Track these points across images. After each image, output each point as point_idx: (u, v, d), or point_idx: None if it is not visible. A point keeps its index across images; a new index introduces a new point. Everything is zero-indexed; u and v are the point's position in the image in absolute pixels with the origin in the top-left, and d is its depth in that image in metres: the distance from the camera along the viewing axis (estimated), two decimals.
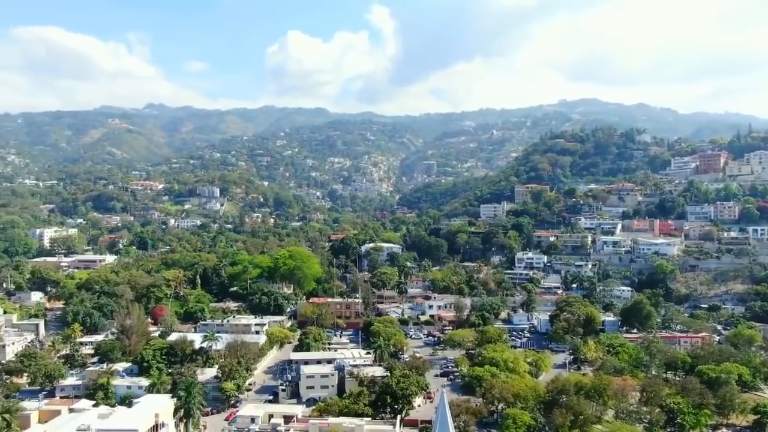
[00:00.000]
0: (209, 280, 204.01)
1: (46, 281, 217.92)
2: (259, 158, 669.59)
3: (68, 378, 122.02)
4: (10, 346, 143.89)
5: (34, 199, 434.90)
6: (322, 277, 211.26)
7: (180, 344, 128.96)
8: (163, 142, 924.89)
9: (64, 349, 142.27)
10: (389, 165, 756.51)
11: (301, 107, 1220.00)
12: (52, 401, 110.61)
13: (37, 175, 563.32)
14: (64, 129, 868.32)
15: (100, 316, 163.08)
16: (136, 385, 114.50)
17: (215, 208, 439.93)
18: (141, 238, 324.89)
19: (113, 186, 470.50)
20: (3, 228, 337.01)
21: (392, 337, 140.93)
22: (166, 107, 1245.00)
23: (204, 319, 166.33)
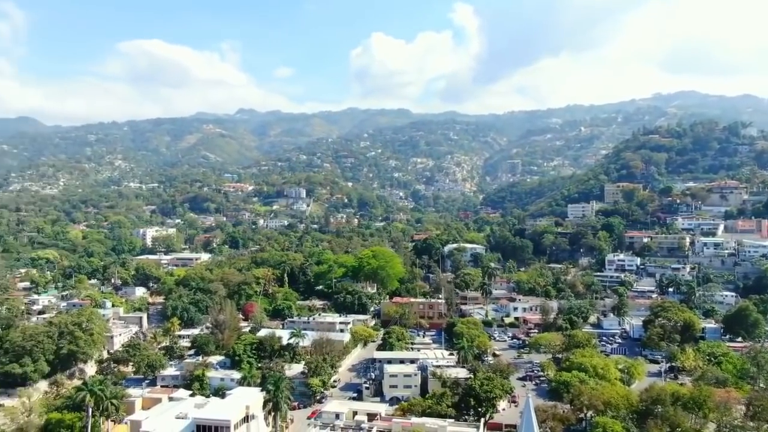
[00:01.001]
0: (296, 279, 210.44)
1: (149, 277, 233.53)
2: (343, 160, 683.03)
3: (168, 368, 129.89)
4: (117, 337, 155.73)
5: (138, 201, 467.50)
6: (405, 277, 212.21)
7: (269, 340, 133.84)
8: (253, 145, 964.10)
9: (164, 341, 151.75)
10: (473, 165, 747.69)
11: (384, 108, 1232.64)
12: (153, 390, 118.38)
13: (141, 179, 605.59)
14: (164, 135, 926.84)
15: (196, 311, 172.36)
16: (229, 377, 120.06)
17: (302, 208, 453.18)
18: (233, 237, 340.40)
19: (207, 188, 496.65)
20: (111, 228, 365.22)
21: (476, 338, 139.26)
22: (256, 112, 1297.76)
23: (291, 317, 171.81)
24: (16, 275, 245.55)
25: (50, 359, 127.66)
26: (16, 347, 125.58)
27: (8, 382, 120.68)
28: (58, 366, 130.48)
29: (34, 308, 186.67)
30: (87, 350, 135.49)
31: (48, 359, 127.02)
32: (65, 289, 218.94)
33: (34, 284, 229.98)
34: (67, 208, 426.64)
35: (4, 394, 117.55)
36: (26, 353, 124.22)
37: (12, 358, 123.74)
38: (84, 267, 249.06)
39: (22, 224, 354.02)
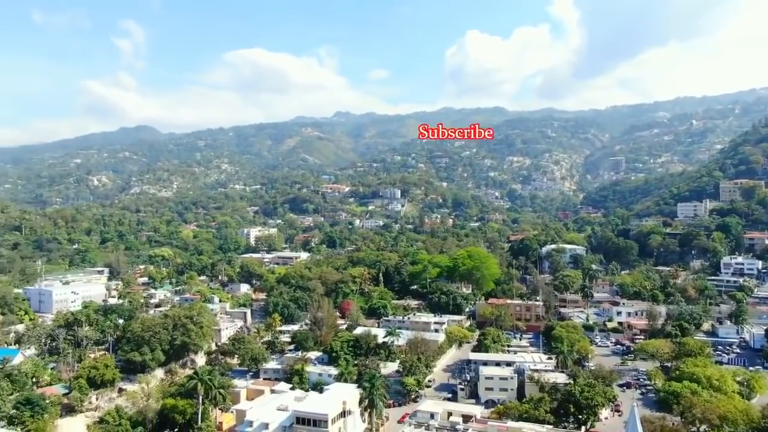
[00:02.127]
0: (391, 278, 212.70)
1: (252, 275, 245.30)
2: (437, 160, 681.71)
3: (270, 362, 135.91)
4: (224, 330, 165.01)
5: (243, 202, 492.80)
6: (501, 278, 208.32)
7: (365, 338, 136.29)
8: (349, 147, 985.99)
9: (267, 336, 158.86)
10: (572, 162, 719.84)
11: (479, 107, 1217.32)
12: (257, 382, 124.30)
13: (245, 181, 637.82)
14: (266, 139, 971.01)
15: (296, 307, 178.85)
16: (326, 373, 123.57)
17: (396, 209, 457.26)
18: (330, 237, 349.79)
19: (306, 189, 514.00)
20: (218, 227, 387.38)
21: (576, 343, 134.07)
22: (352, 114, 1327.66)
23: (386, 315, 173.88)
24: (136, 271, 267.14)
25: (165, 349, 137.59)
26: (137, 337, 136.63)
27: (130, 368, 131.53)
28: (172, 355, 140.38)
29: (152, 302, 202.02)
30: (198, 342, 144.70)
31: (164, 349, 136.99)
32: (178, 285, 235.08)
33: (151, 279, 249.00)
34: (180, 210, 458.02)
35: (126, 380, 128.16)
36: (145, 343, 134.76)
37: (133, 347, 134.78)
38: (194, 264, 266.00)
39: (141, 224, 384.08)
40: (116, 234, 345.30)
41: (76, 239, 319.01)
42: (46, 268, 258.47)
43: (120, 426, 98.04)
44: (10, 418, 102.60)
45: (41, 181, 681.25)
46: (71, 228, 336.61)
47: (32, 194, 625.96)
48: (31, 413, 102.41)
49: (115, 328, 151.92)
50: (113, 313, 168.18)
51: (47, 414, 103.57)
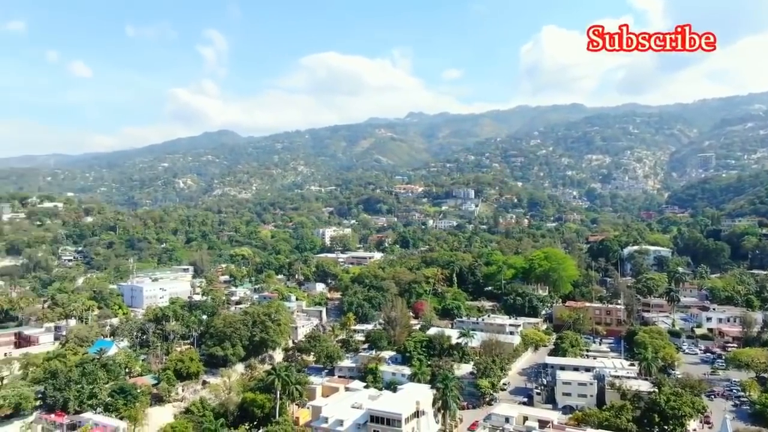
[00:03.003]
0: (465, 279, 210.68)
1: (327, 274, 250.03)
2: (512, 159, 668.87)
3: (345, 360, 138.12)
4: (300, 328, 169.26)
5: (318, 203, 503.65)
6: (579, 280, 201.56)
7: (438, 338, 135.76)
8: (423, 147, 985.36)
9: (341, 335, 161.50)
10: (656, 160, 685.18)
11: (555, 104, 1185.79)
12: (332, 379, 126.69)
13: (320, 182, 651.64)
14: (340, 141, 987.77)
15: (370, 307, 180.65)
16: (400, 372, 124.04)
17: (470, 209, 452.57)
18: (403, 237, 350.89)
19: (380, 190, 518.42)
20: (295, 228, 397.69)
21: (660, 349, 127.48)
22: (425, 115, 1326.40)
23: (460, 316, 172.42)
24: (218, 269, 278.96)
25: (245, 345, 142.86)
26: (219, 332, 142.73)
27: (212, 362, 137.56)
28: (251, 351, 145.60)
29: (233, 299, 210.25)
30: (275, 338, 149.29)
31: (244, 344, 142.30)
32: (257, 283, 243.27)
33: (232, 278, 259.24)
34: (259, 210, 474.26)
35: (209, 373, 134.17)
36: (227, 338, 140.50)
37: (215, 342, 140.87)
38: (272, 263, 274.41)
39: (223, 224, 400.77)
40: (200, 234, 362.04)
41: (164, 239, 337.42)
42: (138, 266, 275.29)
43: (204, 417, 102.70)
44: (106, 405, 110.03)
45: (133, 184, 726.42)
46: (159, 228, 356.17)
47: (125, 196, 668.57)
48: (125, 401, 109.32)
49: (199, 323, 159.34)
50: (197, 309, 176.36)
51: (139, 402, 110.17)
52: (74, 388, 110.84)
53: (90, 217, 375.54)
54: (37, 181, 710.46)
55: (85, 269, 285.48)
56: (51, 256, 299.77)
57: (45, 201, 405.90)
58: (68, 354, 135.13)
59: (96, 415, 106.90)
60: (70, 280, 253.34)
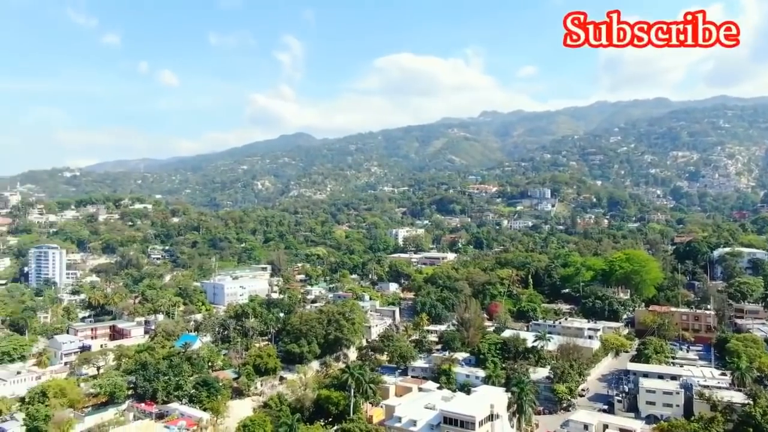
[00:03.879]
0: (541, 281, 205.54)
1: (400, 274, 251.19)
2: (590, 157, 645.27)
3: (418, 360, 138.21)
4: (374, 327, 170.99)
5: (391, 204, 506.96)
6: (664, 284, 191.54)
7: (513, 341, 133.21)
8: (496, 146, 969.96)
9: (415, 335, 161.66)
10: (750, 156, 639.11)
11: (637, 99, 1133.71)
12: (405, 379, 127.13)
13: (393, 183, 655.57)
14: (413, 141, 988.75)
15: (443, 308, 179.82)
16: (474, 374, 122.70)
17: (546, 209, 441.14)
18: (477, 237, 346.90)
19: (453, 190, 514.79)
20: (368, 228, 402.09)
21: (756, 358, 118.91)
22: (499, 113, 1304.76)
23: (536, 319, 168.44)
24: (294, 268, 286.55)
25: (320, 342, 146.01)
26: (295, 330, 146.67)
27: (289, 359, 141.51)
28: (326, 349, 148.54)
29: (308, 297, 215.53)
30: (350, 337, 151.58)
31: (319, 342, 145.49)
32: (332, 282, 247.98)
33: (308, 277, 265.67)
34: (333, 211, 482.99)
35: (286, 369, 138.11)
36: (303, 336, 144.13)
37: (292, 339, 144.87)
38: (347, 263, 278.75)
39: (299, 225, 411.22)
40: (277, 234, 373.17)
41: (244, 238, 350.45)
42: (219, 264, 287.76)
43: (281, 411, 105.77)
44: (190, 397, 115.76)
45: (214, 186, 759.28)
46: (239, 228, 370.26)
47: (207, 198, 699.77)
48: (208, 394, 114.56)
49: (277, 321, 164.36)
50: (275, 307, 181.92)
51: (220, 395, 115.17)
52: (162, 380, 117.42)
53: (176, 217, 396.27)
54: (129, 184, 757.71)
55: (171, 267, 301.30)
56: (141, 254, 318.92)
57: (136, 203, 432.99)
58: (157, 347, 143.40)
59: (182, 405, 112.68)
60: (158, 277, 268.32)
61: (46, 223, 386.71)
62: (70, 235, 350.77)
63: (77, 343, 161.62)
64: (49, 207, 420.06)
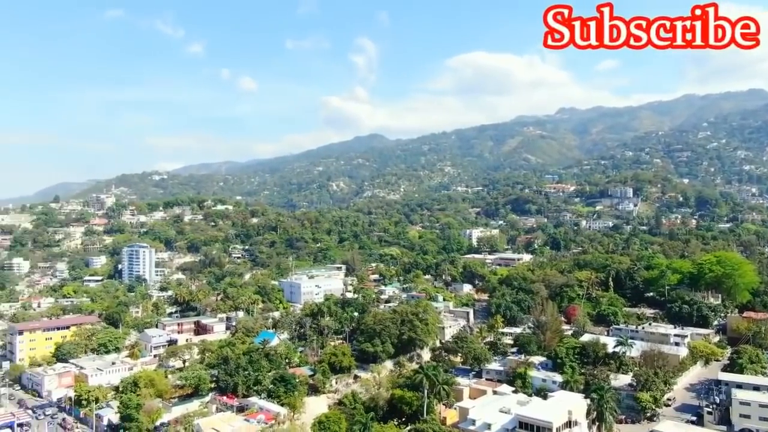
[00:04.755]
0: (622, 284, 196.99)
1: (474, 275, 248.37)
2: (676, 154, 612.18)
3: (492, 363, 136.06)
4: (447, 328, 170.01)
5: (465, 204, 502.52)
6: (760, 288, 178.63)
7: (592, 346, 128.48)
8: (574, 144, 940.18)
9: (489, 337, 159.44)
10: None
11: (728, 92, 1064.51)
12: (479, 381, 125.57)
13: (467, 183, 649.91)
14: (487, 141, 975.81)
15: (518, 310, 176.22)
16: (551, 379, 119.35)
17: (628, 208, 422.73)
18: (554, 238, 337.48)
19: (528, 190, 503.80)
20: (442, 228, 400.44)
21: None
22: (577, 110, 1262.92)
23: (617, 323, 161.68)
24: (369, 268, 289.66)
25: (394, 342, 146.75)
26: (369, 329, 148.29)
27: (363, 358, 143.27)
28: (400, 349, 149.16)
29: (382, 297, 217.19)
30: (423, 338, 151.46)
31: (392, 342, 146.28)
32: (405, 282, 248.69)
33: (382, 277, 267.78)
34: (406, 211, 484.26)
35: (360, 368, 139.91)
36: (376, 335, 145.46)
37: (366, 338, 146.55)
38: (420, 263, 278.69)
39: (372, 225, 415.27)
40: (351, 234, 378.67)
41: (319, 238, 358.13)
42: (296, 264, 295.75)
43: (355, 410, 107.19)
44: (269, 392, 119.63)
45: (291, 188, 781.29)
46: (315, 228, 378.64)
47: (284, 199, 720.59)
48: (285, 389, 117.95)
49: (351, 320, 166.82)
50: (349, 306, 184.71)
51: (297, 391, 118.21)
52: (242, 374, 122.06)
53: (255, 218, 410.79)
54: (211, 186, 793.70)
55: (251, 266, 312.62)
56: (223, 253, 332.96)
57: (218, 204, 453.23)
58: (237, 342, 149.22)
59: (260, 400, 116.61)
60: (239, 275, 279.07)
61: (137, 224, 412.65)
62: (159, 234, 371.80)
63: (165, 337, 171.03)
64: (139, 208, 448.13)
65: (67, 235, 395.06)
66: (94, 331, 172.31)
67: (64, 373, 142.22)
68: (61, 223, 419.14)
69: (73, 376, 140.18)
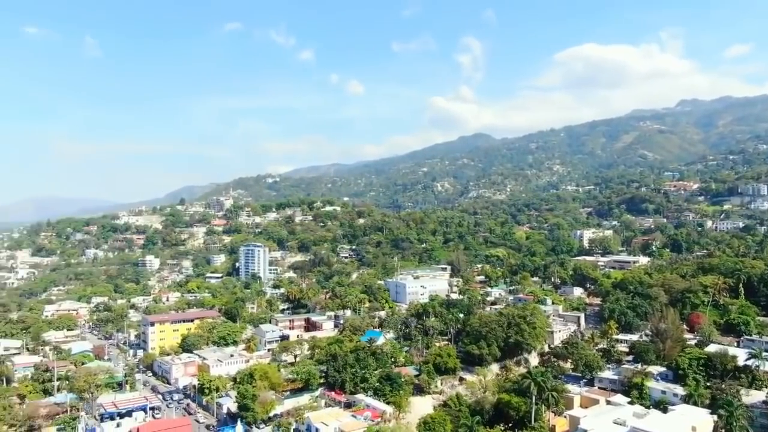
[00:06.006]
0: (755, 291, 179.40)
1: (586, 278, 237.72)
2: None
3: (605, 371, 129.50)
4: (557, 333, 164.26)
5: (575, 204, 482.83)
6: None
7: (720, 357, 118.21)
8: (697, 138, 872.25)
9: (602, 343, 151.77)
10: None
11: None
12: (591, 390, 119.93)
13: (577, 182, 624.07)
14: (599, 137, 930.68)
15: (634, 316, 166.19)
16: (671, 391, 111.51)
17: (762, 207, 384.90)
18: (674, 240, 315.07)
19: (645, 188, 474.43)
20: (551, 229, 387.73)
21: None
22: (700, 101, 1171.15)
23: (748, 334, 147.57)
24: (474, 269, 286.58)
25: (500, 345, 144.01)
26: (475, 331, 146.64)
27: (469, 360, 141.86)
28: (507, 352, 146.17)
29: (488, 299, 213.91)
30: (530, 342, 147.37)
31: (498, 345, 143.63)
32: (512, 284, 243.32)
33: (487, 278, 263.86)
34: (513, 211, 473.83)
35: (465, 370, 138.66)
36: (482, 338, 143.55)
37: (471, 340, 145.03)
38: (527, 265, 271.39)
39: (478, 225, 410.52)
40: (456, 234, 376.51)
41: (424, 239, 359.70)
42: (401, 264, 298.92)
43: (460, 412, 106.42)
44: (375, 390, 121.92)
45: (396, 189, 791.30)
46: (420, 229, 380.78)
47: (390, 200, 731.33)
48: (391, 388, 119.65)
49: (456, 321, 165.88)
50: (454, 307, 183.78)
51: (403, 391, 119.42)
52: (350, 371, 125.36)
53: (361, 219, 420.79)
54: (320, 188, 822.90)
55: (357, 265, 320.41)
56: (331, 253, 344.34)
57: (326, 205, 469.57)
58: (345, 340, 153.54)
59: (367, 397, 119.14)
60: (346, 275, 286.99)
61: (252, 224, 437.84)
62: (272, 234, 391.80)
63: (278, 333, 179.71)
64: (254, 209, 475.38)
65: (191, 235, 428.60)
66: (215, 325, 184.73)
67: (189, 363, 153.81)
68: (186, 223, 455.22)
69: (197, 365, 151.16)
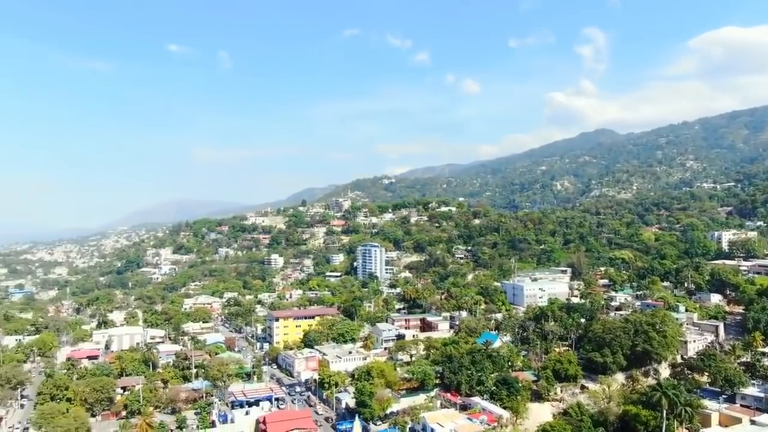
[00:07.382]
0: None
1: (725, 284, 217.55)
2: None
3: (749, 387, 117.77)
4: (691, 342, 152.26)
5: (712, 202, 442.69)
6: None
7: None
8: None
9: (744, 356, 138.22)
10: None
11: None
12: (732, 407, 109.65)
13: (714, 178, 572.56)
14: (740, 129, 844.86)
15: None
16: None
17: None
18: None
19: None
20: (683, 230, 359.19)
21: None
22: None
23: None
24: (597, 272, 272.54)
25: (626, 354, 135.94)
26: (597, 338, 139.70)
27: (591, 367, 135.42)
28: (633, 361, 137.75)
29: (612, 304, 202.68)
30: (660, 351, 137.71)
31: (624, 354, 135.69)
32: (639, 289, 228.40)
33: (611, 282, 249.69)
34: (640, 211, 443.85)
35: (587, 378, 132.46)
36: (606, 345, 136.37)
37: (594, 347, 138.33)
38: (656, 269, 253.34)
39: (601, 226, 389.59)
40: (577, 235, 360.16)
41: (542, 240, 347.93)
42: (518, 266, 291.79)
43: (582, 422, 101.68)
44: (491, 393, 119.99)
45: (513, 188, 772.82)
46: (538, 229, 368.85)
47: (506, 200, 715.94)
48: (508, 392, 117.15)
49: (577, 326, 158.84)
50: (575, 311, 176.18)
51: (520, 396, 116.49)
52: (465, 373, 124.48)
53: (477, 219, 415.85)
54: (435, 189, 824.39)
55: (473, 266, 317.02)
56: (447, 253, 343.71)
57: (441, 206, 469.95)
58: (460, 342, 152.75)
59: (483, 400, 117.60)
60: (462, 275, 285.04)
61: (369, 224, 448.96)
62: (388, 234, 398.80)
63: (394, 332, 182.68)
64: (371, 210, 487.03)
65: (312, 235, 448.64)
66: (334, 322, 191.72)
67: (311, 358, 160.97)
68: (307, 223, 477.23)
69: (318, 360, 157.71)
